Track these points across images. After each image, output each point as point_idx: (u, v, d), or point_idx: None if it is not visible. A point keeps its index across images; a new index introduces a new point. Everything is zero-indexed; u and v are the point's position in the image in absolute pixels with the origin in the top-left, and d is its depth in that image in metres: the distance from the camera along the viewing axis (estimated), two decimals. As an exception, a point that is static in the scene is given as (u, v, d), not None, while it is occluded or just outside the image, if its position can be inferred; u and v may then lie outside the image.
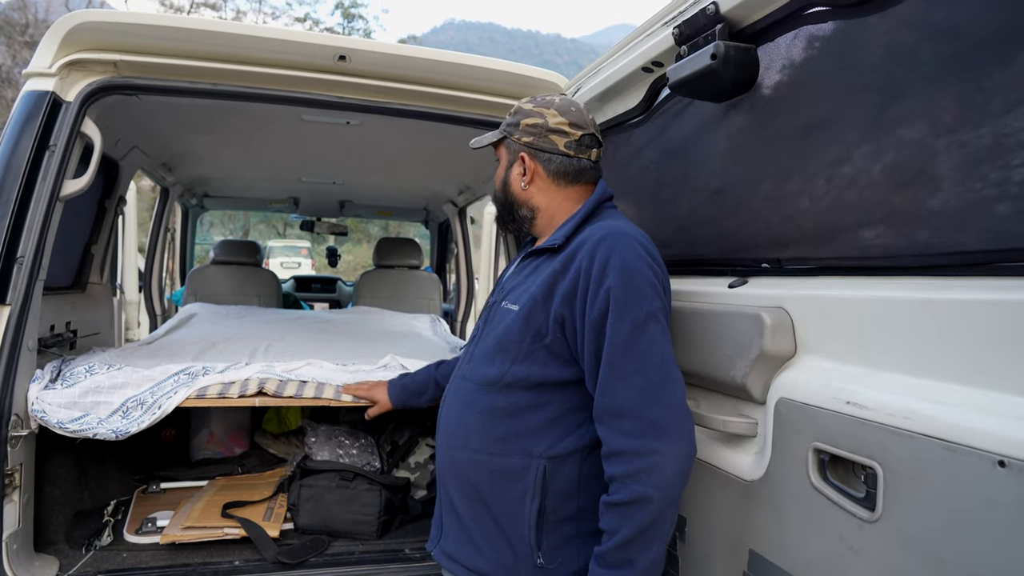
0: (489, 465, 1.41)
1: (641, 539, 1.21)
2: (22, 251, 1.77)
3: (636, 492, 1.21)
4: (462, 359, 1.61)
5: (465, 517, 1.46)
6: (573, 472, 1.37)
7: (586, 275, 1.32)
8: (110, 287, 3.21)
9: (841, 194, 1.16)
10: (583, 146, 1.50)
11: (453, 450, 1.49)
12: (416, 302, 4.65)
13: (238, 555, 1.99)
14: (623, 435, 1.26)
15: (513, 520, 1.38)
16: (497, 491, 1.40)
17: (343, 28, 22.13)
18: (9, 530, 1.71)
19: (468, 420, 1.47)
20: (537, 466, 1.36)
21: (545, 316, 1.37)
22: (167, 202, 4.19)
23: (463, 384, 1.53)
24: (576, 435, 1.38)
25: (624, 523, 1.22)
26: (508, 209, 1.60)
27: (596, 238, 1.34)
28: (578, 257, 1.35)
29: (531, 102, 1.55)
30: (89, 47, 1.91)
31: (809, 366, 1.21)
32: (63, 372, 1.98)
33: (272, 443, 2.75)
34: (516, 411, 1.40)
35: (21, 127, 1.83)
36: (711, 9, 1.30)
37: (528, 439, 1.39)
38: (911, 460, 0.91)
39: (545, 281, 1.39)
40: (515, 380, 1.40)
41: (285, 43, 2.01)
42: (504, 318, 1.46)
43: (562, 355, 1.37)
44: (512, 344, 1.41)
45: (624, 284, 1.28)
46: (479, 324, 1.60)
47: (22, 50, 17.18)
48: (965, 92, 0.92)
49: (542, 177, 1.52)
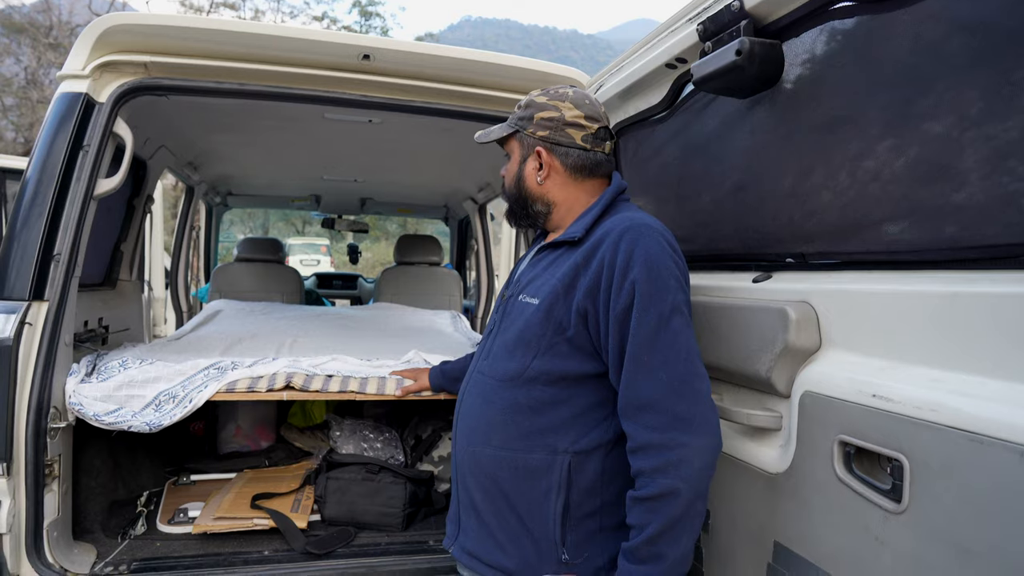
0: (513, 462, 1.40)
1: (671, 533, 1.22)
2: (58, 249, 1.83)
3: (664, 486, 1.21)
4: (479, 355, 1.59)
5: (486, 514, 1.45)
6: (597, 467, 1.37)
7: (610, 267, 1.31)
8: (139, 284, 3.28)
9: (866, 188, 1.16)
10: (599, 139, 1.49)
11: (474, 447, 1.47)
12: (437, 298, 4.69)
13: (267, 545, 2.04)
14: (649, 429, 1.25)
15: (537, 517, 1.38)
16: (521, 488, 1.39)
17: (360, 26, 22.22)
18: (49, 518, 1.77)
19: (490, 416, 1.45)
20: (562, 462, 1.36)
21: (567, 309, 1.36)
22: (192, 200, 4.26)
23: (482, 380, 1.51)
24: (600, 429, 1.38)
25: (653, 517, 1.22)
26: (522, 204, 1.57)
27: (619, 230, 1.34)
28: (601, 249, 1.34)
29: (544, 94, 1.52)
30: (121, 49, 1.96)
31: (834, 360, 1.21)
32: (98, 366, 2.04)
33: (298, 437, 2.79)
34: (539, 406, 1.39)
35: (56, 128, 1.88)
36: (736, 6, 1.31)
37: (552, 435, 1.38)
38: (938, 452, 0.92)
39: (566, 274, 1.38)
40: (537, 374, 1.39)
41: (311, 43, 2.05)
42: (523, 312, 1.44)
43: (584, 348, 1.37)
44: (533, 338, 1.40)
45: (649, 277, 1.28)
46: (494, 318, 1.59)
47: (47, 52, 17.45)
48: (992, 86, 0.93)
49: (559, 171, 1.50)
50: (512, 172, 1.57)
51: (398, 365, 2.32)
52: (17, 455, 1.71)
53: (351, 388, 2.08)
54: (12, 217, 1.84)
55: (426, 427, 2.65)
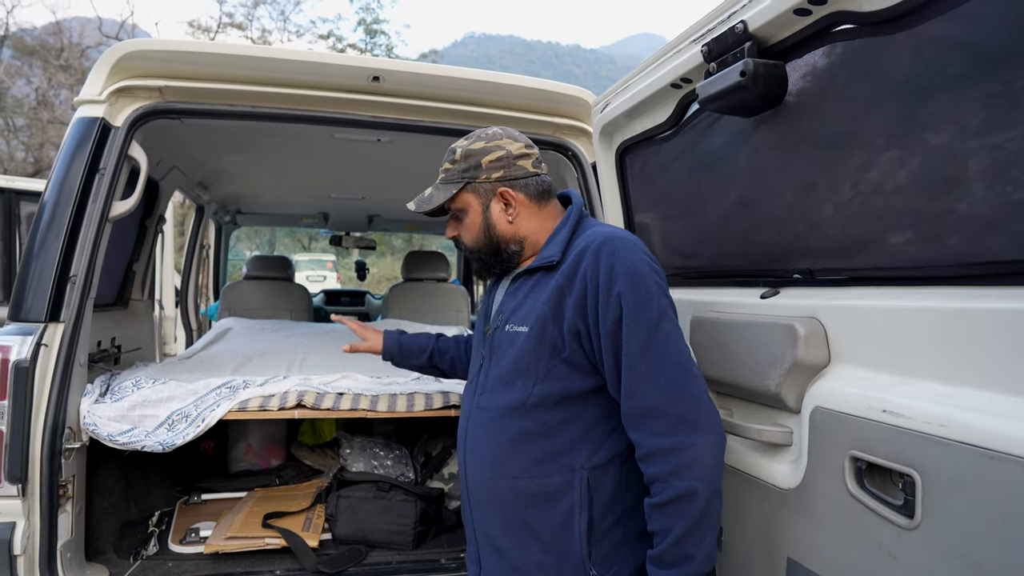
0: (531, 489, 1.40)
1: (695, 532, 1.24)
2: (74, 271, 1.85)
3: (682, 488, 1.24)
4: (474, 390, 1.56)
5: (508, 549, 1.43)
6: (614, 478, 1.39)
7: (593, 283, 1.33)
8: (150, 303, 3.31)
9: (872, 205, 1.18)
10: (540, 163, 1.54)
11: (489, 481, 1.45)
12: (444, 314, 4.70)
13: (279, 564, 2.04)
14: (656, 435, 1.28)
15: (561, 539, 1.37)
16: (542, 513, 1.39)
17: (366, 44, 22.45)
18: (63, 539, 1.78)
19: (499, 448, 1.44)
20: (580, 479, 1.37)
21: (558, 330, 1.37)
22: (202, 219, 4.31)
23: (483, 415, 1.49)
24: (611, 441, 1.39)
25: (676, 520, 1.24)
26: (495, 252, 1.54)
27: (595, 246, 1.36)
28: (581, 267, 1.36)
29: (477, 140, 1.52)
30: (136, 74, 2.00)
31: (843, 375, 1.22)
32: (111, 386, 2.06)
33: (308, 455, 2.80)
34: (548, 430, 1.39)
35: (73, 152, 1.92)
36: (740, 28, 1.33)
37: (566, 455, 1.39)
38: (950, 468, 0.93)
39: (551, 297, 1.39)
40: (541, 400, 1.39)
41: (322, 65, 2.09)
42: (513, 341, 1.44)
43: (583, 366, 1.38)
44: (530, 365, 1.40)
45: (633, 287, 1.30)
46: (480, 353, 1.57)
47: (57, 73, 17.70)
48: (996, 105, 0.94)
49: (525, 204, 1.51)
50: (476, 225, 1.53)
51: (408, 382, 2.33)
52: (32, 476, 1.72)
53: (362, 406, 2.09)
54: (29, 240, 1.88)
55: (436, 444, 2.66)
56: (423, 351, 1.91)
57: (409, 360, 1.93)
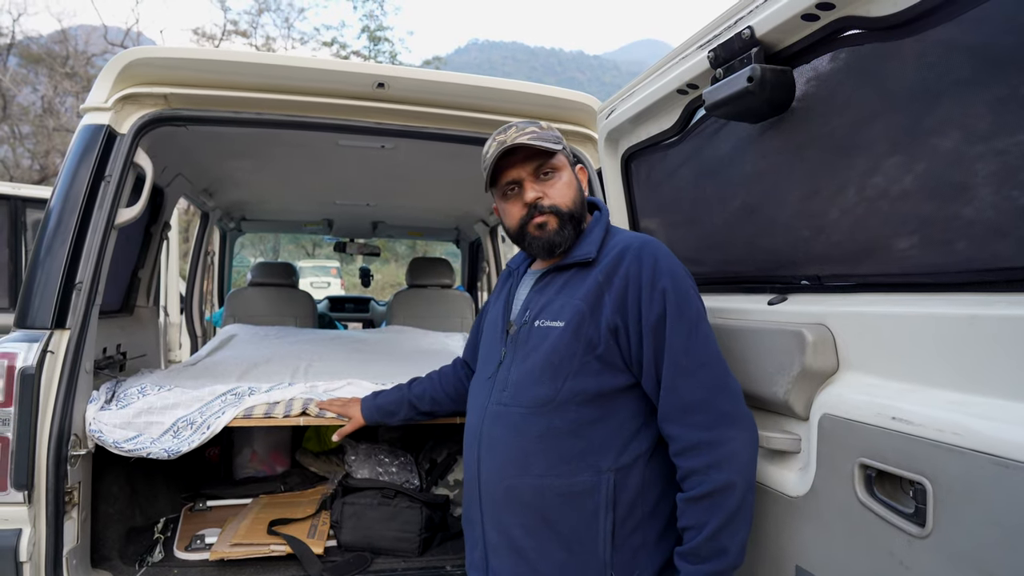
0: (557, 488, 1.37)
1: (731, 525, 1.25)
2: (80, 277, 1.85)
3: (721, 480, 1.26)
4: (491, 388, 1.51)
5: (529, 550, 1.40)
6: (638, 480, 1.38)
7: (636, 281, 1.36)
8: (155, 310, 3.31)
9: (881, 211, 1.17)
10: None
11: (509, 480, 1.42)
12: (448, 321, 4.70)
13: (284, 571, 2.03)
14: (697, 428, 1.30)
15: (585, 540, 1.36)
16: (565, 514, 1.37)
17: (369, 51, 22.54)
18: (69, 546, 1.78)
19: (525, 446, 1.41)
20: (607, 480, 1.36)
21: (596, 327, 1.37)
22: (207, 226, 4.32)
23: (506, 411, 1.45)
24: (637, 441, 1.39)
25: (712, 514, 1.26)
26: (579, 220, 1.51)
27: (636, 246, 1.40)
28: (623, 266, 1.39)
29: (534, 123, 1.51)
30: (142, 82, 2.01)
31: (852, 382, 1.22)
32: (117, 393, 2.05)
33: (313, 462, 2.79)
34: (577, 428, 1.38)
35: (79, 159, 1.92)
36: (747, 34, 1.33)
37: (594, 455, 1.37)
38: (962, 476, 0.92)
39: (589, 293, 1.40)
40: (571, 396, 1.38)
41: (327, 72, 2.09)
42: (547, 336, 1.42)
43: (615, 364, 1.38)
44: (563, 360, 1.39)
45: (676, 287, 1.35)
46: (497, 349, 1.54)
47: (63, 81, 17.81)
48: (1006, 110, 0.94)
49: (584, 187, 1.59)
50: (574, 186, 1.51)
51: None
52: (38, 483, 1.72)
53: (367, 413, 2.08)
54: (35, 246, 1.88)
55: (441, 451, 2.65)
56: (400, 405, 1.99)
57: (393, 417, 2.01)
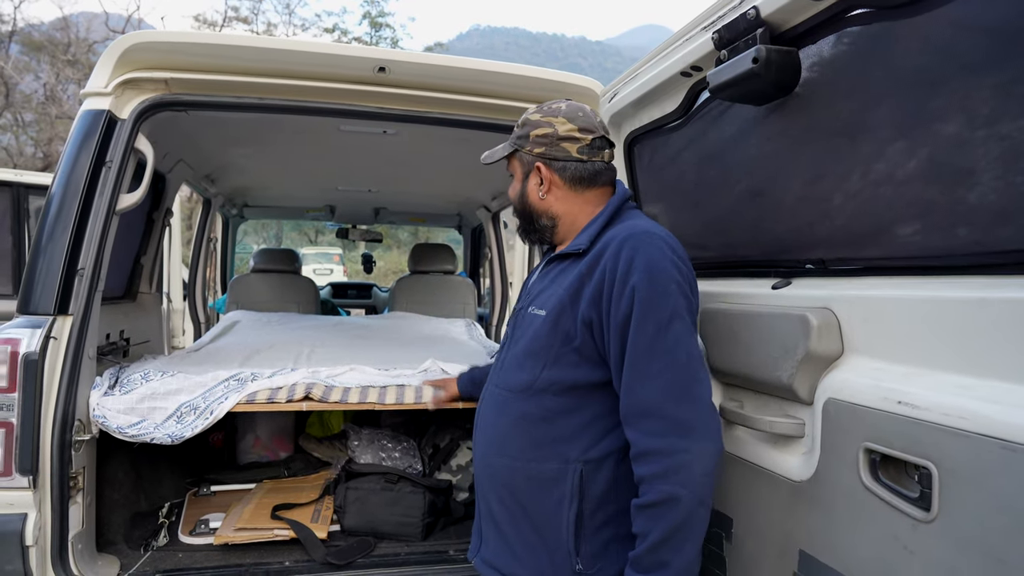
0: (526, 471, 1.41)
1: (673, 540, 1.21)
2: (82, 263, 1.85)
3: (665, 492, 1.22)
4: (495, 366, 1.61)
5: (503, 524, 1.47)
6: (609, 475, 1.37)
7: (611, 275, 1.32)
8: (158, 296, 3.32)
9: (887, 194, 1.16)
10: (595, 149, 1.50)
11: (490, 457, 1.50)
12: (451, 307, 4.70)
13: (288, 556, 2.04)
14: (649, 435, 1.26)
15: (551, 526, 1.38)
16: (535, 497, 1.41)
17: (371, 37, 22.40)
18: (74, 531, 1.79)
19: (503, 427, 1.48)
20: (574, 471, 1.37)
21: (573, 319, 1.38)
22: (209, 213, 4.31)
23: (496, 391, 1.53)
24: (610, 438, 1.38)
25: (655, 525, 1.22)
26: (529, 220, 1.59)
27: (620, 238, 1.35)
28: (603, 259, 1.36)
29: (538, 112, 1.55)
30: (142, 66, 1.99)
31: (857, 366, 1.21)
32: (120, 379, 2.06)
33: (316, 447, 2.81)
34: (550, 416, 1.40)
35: (80, 144, 1.91)
36: (751, 14, 1.31)
37: (563, 444, 1.39)
38: (968, 460, 0.91)
39: (571, 284, 1.40)
40: (547, 385, 1.40)
41: (328, 56, 2.07)
42: (532, 323, 1.47)
43: (592, 358, 1.38)
44: (542, 349, 1.41)
45: (649, 283, 1.28)
46: (508, 331, 1.62)
47: (65, 68, 17.73)
48: (1016, 92, 0.92)
49: (559, 185, 1.52)
50: (516, 190, 1.60)
51: (415, 375, 2.32)
52: (43, 468, 1.73)
53: (370, 399, 2.09)
54: (37, 233, 1.87)
55: (444, 436, 2.65)
56: None
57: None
